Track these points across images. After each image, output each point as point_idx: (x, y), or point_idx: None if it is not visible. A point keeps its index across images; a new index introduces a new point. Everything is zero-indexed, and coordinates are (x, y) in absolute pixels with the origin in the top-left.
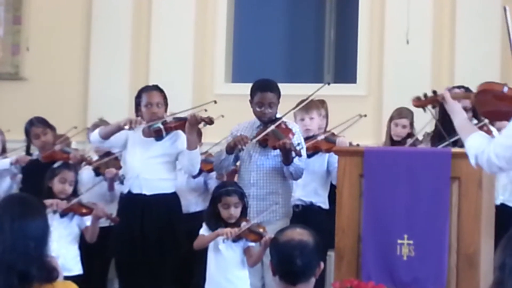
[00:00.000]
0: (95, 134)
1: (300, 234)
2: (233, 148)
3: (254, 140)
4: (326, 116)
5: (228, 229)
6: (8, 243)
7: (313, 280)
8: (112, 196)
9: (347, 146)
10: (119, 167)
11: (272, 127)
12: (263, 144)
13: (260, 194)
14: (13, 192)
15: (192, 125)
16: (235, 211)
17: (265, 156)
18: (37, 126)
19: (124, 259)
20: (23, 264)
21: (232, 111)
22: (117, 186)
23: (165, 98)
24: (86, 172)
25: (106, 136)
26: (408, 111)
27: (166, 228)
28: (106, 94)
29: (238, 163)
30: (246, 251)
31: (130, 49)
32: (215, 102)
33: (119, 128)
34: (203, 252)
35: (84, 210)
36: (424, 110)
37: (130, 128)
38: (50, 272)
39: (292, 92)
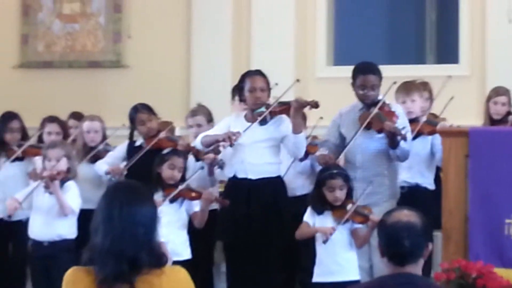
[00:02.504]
0: (198, 141)
1: (408, 215)
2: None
3: (360, 131)
4: (430, 97)
5: (327, 228)
6: (118, 230)
7: (421, 261)
8: (212, 181)
9: (451, 128)
10: (218, 152)
11: (376, 110)
12: (367, 127)
13: (366, 176)
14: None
15: (297, 109)
16: (340, 194)
17: (369, 139)
18: (142, 112)
19: (231, 243)
20: (133, 250)
21: (334, 94)
22: (216, 170)
23: (268, 82)
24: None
25: (207, 146)
26: (505, 89)
27: (272, 212)
28: (208, 80)
29: None
30: (354, 233)
31: (231, 35)
32: (298, 80)
33: (217, 142)
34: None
35: (193, 195)
36: None
37: (231, 145)
38: (159, 257)
39: (393, 74)
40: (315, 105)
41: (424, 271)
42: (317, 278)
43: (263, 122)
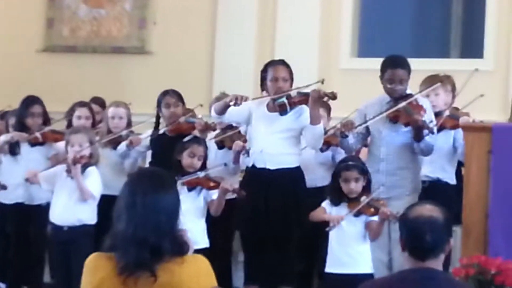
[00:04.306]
0: (211, 110)
1: (430, 210)
2: (226, 107)
3: (384, 115)
4: (453, 91)
5: (336, 217)
6: (140, 217)
7: (442, 257)
8: (236, 169)
9: (474, 123)
10: (245, 141)
11: (404, 103)
12: (394, 120)
13: (390, 169)
14: (138, 166)
15: (315, 100)
16: (355, 186)
17: (395, 132)
18: (171, 96)
19: (249, 233)
20: (155, 238)
21: (358, 86)
22: (242, 159)
23: (291, 73)
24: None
25: (220, 112)
26: None
27: (290, 202)
28: (232, 68)
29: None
30: (368, 225)
31: (256, 23)
32: (322, 82)
33: (226, 104)
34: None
35: (211, 184)
36: None
37: (235, 104)
38: (181, 245)
39: (417, 67)
40: (333, 96)
41: (443, 266)
42: (329, 268)
43: (283, 112)
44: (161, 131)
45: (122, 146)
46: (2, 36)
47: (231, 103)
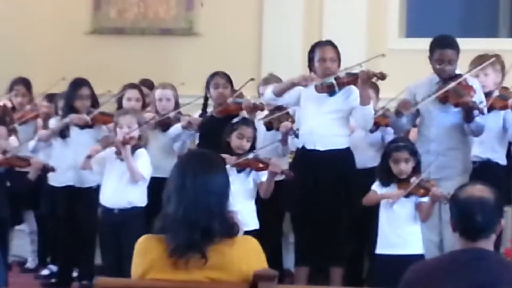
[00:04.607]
0: (269, 92)
1: (481, 190)
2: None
3: (434, 97)
4: (502, 70)
5: (397, 192)
6: (191, 199)
7: (493, 237)
8: (285, 150)
9: None
10: (293, 121)
11: (453, 84)
12: (443, 101)
13: (440, 150)
14: (187, 147)
15: (364, 81)
16: (406, 167)
17: (445, 112)
18: (221, 76)
19: (299, 214)
20: (206, 219)
21: (405, 66)
22: (290, 140)
23: (338, 53)
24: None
25: (279, 94)
26: None
27: (340, 183)
28: (279, 49)
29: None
30: (418, 206)
31: (304, 4)
32: (383, 55)
33: (293, 85)
34: (379, 207)
35: (260, 165)
36: None
37: (304, 85)
38: (231, 227)
39: (465, 47)
40: (382, 76)
41: (494, 246)
42: (379, 250)
43: (332, 93)
44: (208, 114)
45: (177, 128)
46: (50, 19)
47: (300, 83)
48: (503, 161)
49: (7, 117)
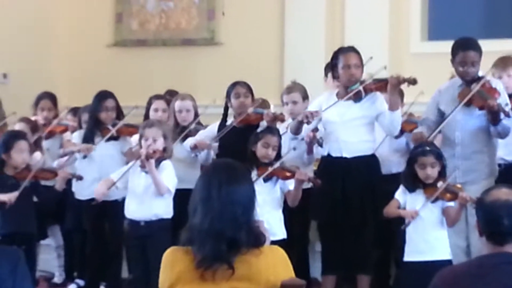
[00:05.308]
0: (289, 133)
1: (507, 193)
2: (299, 126)
3: (459, 107)
4: None
5: (411, 212)
6: (217, 210)
7: None
8: (310, 159)
9: None
10: (316, 130)
11: (477, 87)
12: (467, 104)
13: (465, 153)
14: (211, 158)
15: (394, 86)
16: (432, 171)
17: (469, 116)
18: (242, 86)
19: (326, 222)
20: (232, 230)
21: (429, 70)
22: (315, 149)
23: (361, 59)
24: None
25: (296, 132)
26: None
27: (366, 190)
28: (302, 57)
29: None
30: (445, 211)
31: (325, 10)
32: (385, 67)
33: (300, 123)
34: None
35: (287, 174)
36: None
37: (308, 123)
38: (258, 237)
39: (490, 49)
40: (413, 81)
41: None
42: (407, 257)
43: (358, 99)
44: (228, 123)
45: (188, 143)
46: (72, 32)
47: (304, 121)
48: None
49: (36, 133)
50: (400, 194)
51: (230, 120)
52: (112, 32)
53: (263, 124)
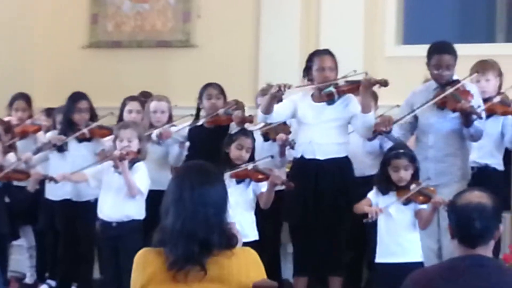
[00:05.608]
0: (259, 112)
1: (479, 196)
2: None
3: (431, 103)
4: (499, 76)
5: (374, 209)
6: (189, 211)
7: (492, 243)
8: (283, 161)
9: None
10: (289, 132)
11: (451, 90)
12: (441, 106)
13: (438, 156)
14: (182, 159)
15: (366, 88)
16: (405, 174)
17: (442, 118)
18: (214, 87)
19: (298, 224)
20: (204, 231)
21: (404, 73)
22: (287, 151)
23: (336, 62)
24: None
25: (267, 110)
26: None
27: (340, 192)
28: (277, 59)
29: None
30: (417, 213)
31: (300, 13)
32: (355, 71)
33: (273, 97)
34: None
35: (260, 176)
36: None
37: (279, 92)
38: (230, 239)
39: (464, 53)
40: (384, 83)
41: (492, 253)
42: (379, 258)
43: (331, 101)
44: (199, 123)
45: (153, 136)
46: (47, 33)
47: (275, 92)
48: (501, 166)
49: (9, 133)
50: (373, 195)
51: (201, 120)
52: (87, 33)
53: (233, 125)
